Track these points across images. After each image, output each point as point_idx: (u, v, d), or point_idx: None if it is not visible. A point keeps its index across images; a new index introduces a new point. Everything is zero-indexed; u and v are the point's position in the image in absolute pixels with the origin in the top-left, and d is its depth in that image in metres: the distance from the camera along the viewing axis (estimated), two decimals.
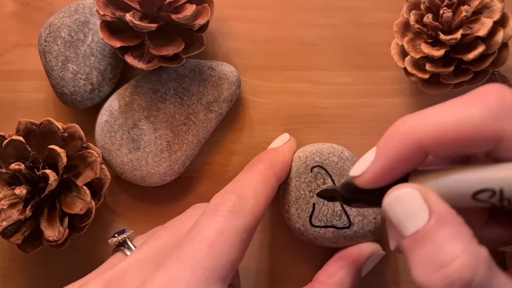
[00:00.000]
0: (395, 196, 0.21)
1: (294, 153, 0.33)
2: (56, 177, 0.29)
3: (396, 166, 0.21)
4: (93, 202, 0.31)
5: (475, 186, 0.20)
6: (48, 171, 0.29)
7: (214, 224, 0.23)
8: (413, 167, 0.22)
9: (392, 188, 0.21)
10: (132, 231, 0.29)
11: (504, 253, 0.31)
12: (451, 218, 0.20)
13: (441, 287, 0.18)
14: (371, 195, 0.22)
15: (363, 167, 0.22)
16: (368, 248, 0.31)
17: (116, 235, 0.28)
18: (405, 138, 0.21)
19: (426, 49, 0.29)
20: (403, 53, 0.31)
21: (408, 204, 0.20)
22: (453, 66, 0.29)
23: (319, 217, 0.31)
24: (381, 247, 0.32)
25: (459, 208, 0.20)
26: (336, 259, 0.31)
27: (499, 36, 0.28)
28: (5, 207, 0.29)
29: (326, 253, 0.33)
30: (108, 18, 0.30)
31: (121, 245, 0.28)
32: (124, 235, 0.28)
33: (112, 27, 0.31)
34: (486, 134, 0.19)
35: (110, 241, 0.28)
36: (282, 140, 0.33)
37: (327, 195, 0.27)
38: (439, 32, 0.29)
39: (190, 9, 0.30)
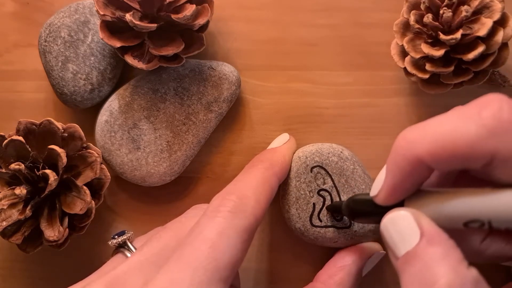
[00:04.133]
0: (390, 218, 0.22)
1: (294, 153, 0.33)
2: (56, 177, 0.29)
3: (405, 182, 0.22)
4: (93, 202, 0.31)
5: (465, 217, 0.21)
6: (48, 171, 0.29)
7: (215, 225, 0.23)
8: (421, 181, 0.22)
9: (388, 211, 0.22)
10: (132, 232, 0.29)
11: (508, 268, 0.31)
12: (441, 240, 0.20)
13: None
14: (374, 214, 0.24)
15: (378, 187, 0.23)
16: (368, 248, 0.31)
17: (116, 236, 0.28)
18: (406, 154, 0.21)
19: (426, 49, 0.29)
20: (403, 53, 0.31)
21: (402, 225, 0.21)
22: (453, 66, 0.29)
23: (320, 217, 0.31)
24: (381, 246, 0.32)
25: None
26: (336, 259, 0.31)
27: (499, 36, 0.28)
28: (5, 207, 0.29)
29: (326, 253, 0.33)
30: (108, 18, 0.30)
31: (121, 247, 0.28)
32: (124, 237, 0.28)
33: (112, 27, 0.31)
34: (480, 152, 0.19)
35: (110, 242, 0.28)
36: (281, 140, 0.33)
37: (334, 209, 0.31)
38: (439, 32, 0.29)
39: (190, 9, 0.30)
